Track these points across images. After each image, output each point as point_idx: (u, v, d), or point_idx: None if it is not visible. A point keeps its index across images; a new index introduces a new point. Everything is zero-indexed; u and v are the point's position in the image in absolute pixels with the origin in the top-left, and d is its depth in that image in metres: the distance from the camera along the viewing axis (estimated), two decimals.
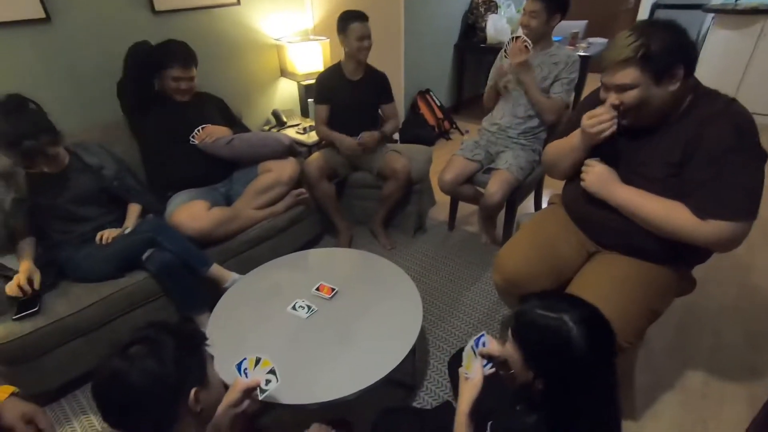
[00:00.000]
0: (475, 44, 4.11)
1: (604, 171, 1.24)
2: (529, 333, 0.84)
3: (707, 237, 1.10)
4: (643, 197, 1.18)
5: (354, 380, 1.23)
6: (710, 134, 1.08)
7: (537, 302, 0.85)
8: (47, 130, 1.50)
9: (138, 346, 0.74)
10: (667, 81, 1.08)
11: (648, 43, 1.05)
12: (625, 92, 1.12)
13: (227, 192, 2.05)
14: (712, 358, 1.68)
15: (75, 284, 1.58)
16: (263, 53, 2.60)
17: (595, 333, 0.79)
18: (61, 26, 1.81)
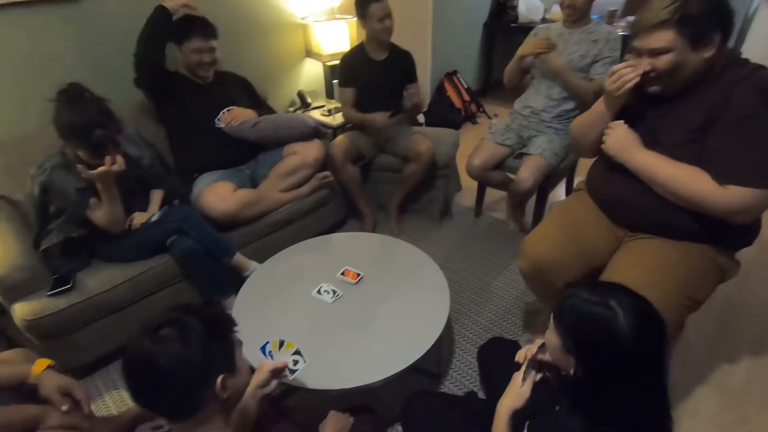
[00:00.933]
0: (505, 23, 3.95)
1: (626, 133, 1.20)
2: (572, 317, 0.80)
3: (726, 204, 1.05)
4: (662, 161, 1.13)
5: (380, 367, 1.21)
6: (735, 99, 1.04)
7: (583, 289, 0.81)
8: (113, 118, 1.46)
9: (168, 329, 0.74)
10: (703, 46, 1.04)
11: (687, 5, 1.00)
12: (659, 57, 1.07)
13: (252, 174, 2.05)
14: (755, 357, 1.59)
15: (106, 264, 1.61)
16: (289, 33, 2.56)
17: (643, 322, 0.75)
18: (90, 6, 1.80)
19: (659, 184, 1.14)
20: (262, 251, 1.90)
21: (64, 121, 1.40)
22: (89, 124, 1.39)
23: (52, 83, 1.46)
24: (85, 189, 1.48)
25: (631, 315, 0.74)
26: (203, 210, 1.75)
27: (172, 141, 1.98)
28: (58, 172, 1.45)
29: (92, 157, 1.43)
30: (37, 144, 1.69)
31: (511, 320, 1.80)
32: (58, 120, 1.41)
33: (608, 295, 0.76)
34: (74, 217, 1.48)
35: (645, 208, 1.22)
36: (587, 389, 0.79)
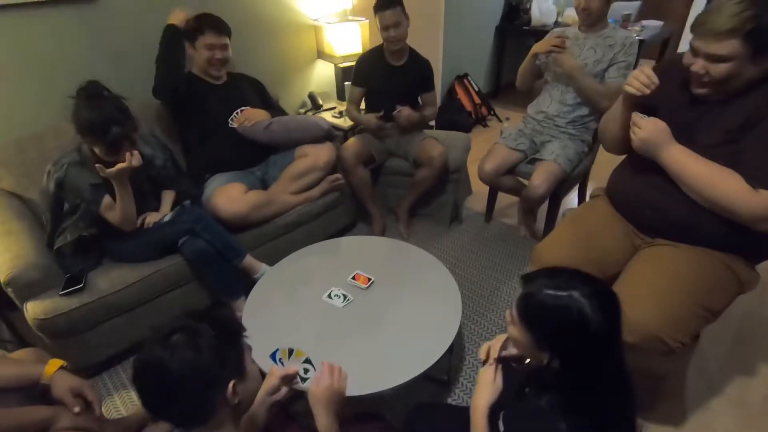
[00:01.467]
0: (517, 27, 3.92)
1: (659, 126, 1.14)
2: (540, 315, 0.81)
3: (755, 208, 1.02)
4: (694, 158, 1.09)
5: (390, 375, 1.20)
6: None
7: (544, 281, 0.82)
8: (130, 116, 1.48)
9: (179, 335, 0.73)
10: (762, 59, 0.99)
11: (760, 15, 0.95)
12: (716, 63, 1.03)
13: (263, 176, 2.05)
14: None
15: (117, 264, 1.61)
16: (301, 34, 2.56)
17: (606, 302, 0.78)
18: (107, 5, 1.81)
19: (688, 181, 1.11)
20: (273, 253, 1.90)
21: (82, 117, 1.41)
22: (107, 121, 1.41)
23: (70, 81, 1.47)
24: (99, 186, 1.49)
25: (596, 301, 0.76)
26: (214, 211, 1.74)
27: (184, 141, 1.99)
28: (73, 168, 1.46)
29: (108, 154, 1.45)
30: (54, 141, 1.71)
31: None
32: (76, 116, 1.42)
33: (570, 286, 0.78)
34: (87, 214, 1.49)
35: (668, 208, 1.20)
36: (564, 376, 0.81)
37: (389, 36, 2.02)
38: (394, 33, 2.00)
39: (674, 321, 1.08)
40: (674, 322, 1.08)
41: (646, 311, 1.08)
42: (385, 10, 1.96)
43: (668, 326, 1.07)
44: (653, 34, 3.41)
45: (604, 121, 1.43)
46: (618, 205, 1.38)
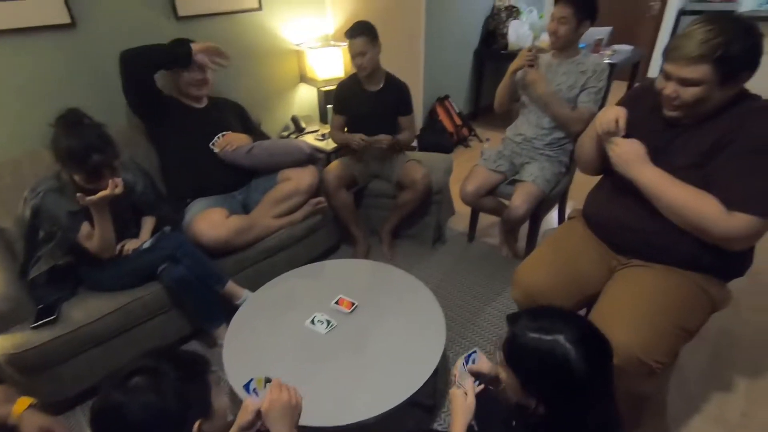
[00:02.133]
0: (495, 51, 4.05)
1: (636, 147, 1.19)
2: (524, 358, 0.80)
3: (727, 230, 1.06)
4: (670, 180, 1.13)
5: (374, 403, 1.19)
6: (748, 129, 1.06)
7: (528, 323, 0.81)
8: (111, 143, 1.45)
9: (138, 378, 0.70)
10: (731, 84, 1.05)
11: (728, 43, 1.00)
12: (687, 87, 1.07)
13: (245, 200, 2.03)
14: (751, 388, 1.59)
15: (93, 293, 1.56)
16: (283, 59, 2.59)
17: (592, 349, 0.76)
18: (85, 32, 1.81)
19: (664, 202, 1.14)
20: (254, 278, 1.87)
21: (62, 145, 1.39)
22: (87, 148, 1.38)
23: (47, 108, 1.47)
24: (77, 213, 1.46)
25: (582, 346, 0.74)
26: (195, 237, 1.72)
27: (164, 166, 1.97)
28: (50, 195, 1.43)
29: (89, 181, 1.43)
30: (31, 168, 1.68)
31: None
32: (56, 144, 1.40)
33: (554, 329, 0.77)
34: (64, 242, 1.45)
35: (643, 229, 1.23)
36: (550, 422, 0.80)
37: (357, 64, 2.07)
38: (360, 61, 2.05)
39: (653, 342, 1.10)
40: (653, 343, 1.10)
41: (625, 333, 1.10)
42: (352, 38, 2.02)
43: (648, 348, 1.09)
44: (624, 57, 3.56)
45: (579, 144, 1.49)
46: (594, 226, 1.42)
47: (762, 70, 1.12)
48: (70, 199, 1.44)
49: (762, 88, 1.21)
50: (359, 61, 2.06)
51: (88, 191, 1.42)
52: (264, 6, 2.36)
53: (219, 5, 2.18)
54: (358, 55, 2.04)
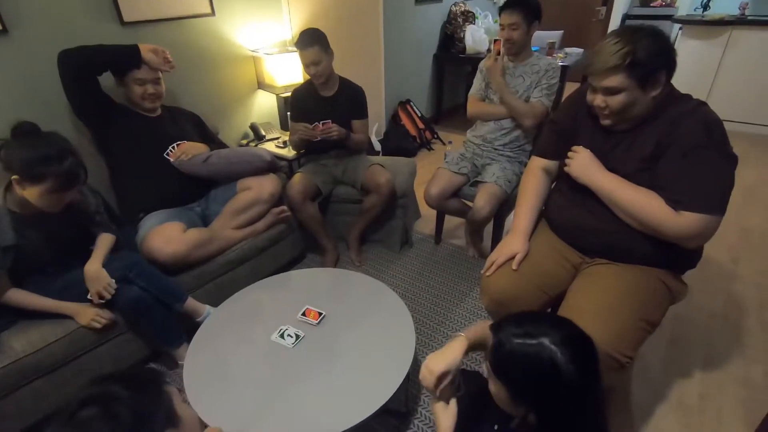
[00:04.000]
0: (453, 55, 4.11)
1: (589, 156, 1.27)
2: (511, 367, 0.79)
3: (680, 229, 1.12)
4: (623, 184, 1.20)
5: (346, 414, 1.15)
6: (682, 131, 1.12)
7: (512, 329, 0.79)
8: (74, 150, 1.39)
9: (88, 409, 0.64)
10: (651, 86, 1.12)
11: (635, 50, 1.08)
12: (612, 95, 1.15)
13: (203, 211, 1.95)
14: (706, 370, 1.67)
15: (35, 321, 1.43)
16: (239, 65, 2.51)
17: (579, 350, 0.76)
18: (19, 39, 1.68)
19: (619, 205, 1.20)
20: (216, 293, 1.80)
21: (30, 154, 1.30)
22: (61, 153, 1.33)
23: None
24: (9, 248, 1.34)
25: (568, 347, 0.74)
26: (150, 254, 1.62)
27: (115, 179, 1.86)
28: None
29: (60, 188, 1.34)
30: None
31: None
32: (18, 155, 1.30)
33: (538, 332, 0.76)
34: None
35: (603, 232, 1.27)
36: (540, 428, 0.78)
37: (311, 73, 2.06)
38: (314, 70, 2.04)
39: (621, 336, 1.12)
40: (621, 338, 1.12)
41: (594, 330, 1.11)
42: (304, 49, 2.00)
43: (616, 342, 1.11)
44: (576, 60, 3.70)
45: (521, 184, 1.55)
46: (556, 229, 1.45)
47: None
48: (3, 231, 1.33)
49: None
50: (314, 71, 2.04)
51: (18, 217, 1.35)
52: (217, 11, 2.28)
53: (168, 10, 2.09)
54: (312, 64, 2.02)
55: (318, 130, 2.06)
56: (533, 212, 1.47)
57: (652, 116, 1.18)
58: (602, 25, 5.37)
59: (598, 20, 5.35)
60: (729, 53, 3.81)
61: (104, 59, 1.70)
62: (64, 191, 1.36)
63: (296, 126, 2.16)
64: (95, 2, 1.85)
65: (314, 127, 2.06)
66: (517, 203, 1.51)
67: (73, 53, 1.63)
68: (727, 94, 3.93)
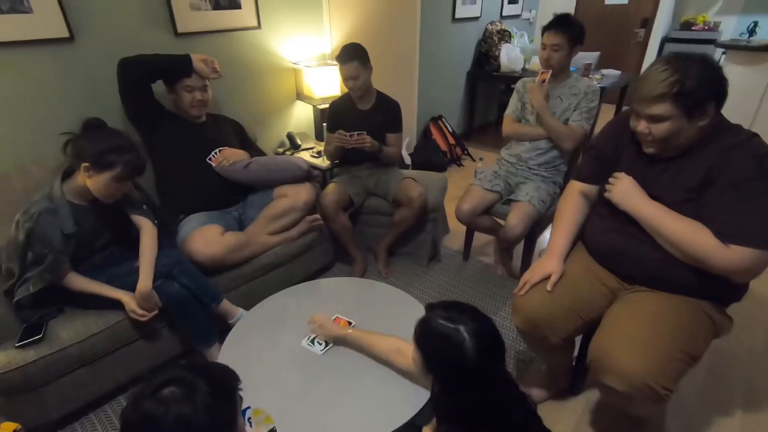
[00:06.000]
0: (487, 72, 4.14)
1: (632, 183, 1.25)
2: (429, 339, 0.98)
3: (728, 263, 1.08)
4: (668, 213, 1.17)
5: (373, 426, 1.16)
6: (733, 162, 1.09)
7: (440, 311, 0.97)
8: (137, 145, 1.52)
9: (172, 389, 0.69)
10: (698, 116, 1.09)
11: (683, 80, 1.06)
12: (656, 123, 1.13)
13: (240, 216, 2.01)
14: (747, 406, 1.59)
15: (80, 311, 1.51)
16: (280, 76, 2.60)
17: (485, 345, 0.92)
18: (83, 46, 1.80)
19: (664, 235, 1.17)
20: (248, 296, 1.84)
21: (103, 144, 1.41)
22: (131, 144, 1.47)
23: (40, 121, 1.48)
24: (70, 236, 1.43)
25: (476, 339, 0.90)
26: (190, 255, 1.68)
27: (159, 180, 1.94)
28: (45, 217, 1.38)
29: (127, 177, 1.46)
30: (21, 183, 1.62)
31: None
32: (91, 144, 1.41)
33: (459, 320, 0.93)
34: (55, 265, 1.40)
35: (643, 259, 1.24)
36: (444, 401, 0.98)
37: (350, 86, 2.12)
38: (352, 84, 2.10)
39: (661, 368, 1.09)
40: (661, 370, 1.09)
41: (633, 360, 1.09)
42: (344, 63, 2.06)
43: (656, 374, 1.08)
44: (613, 81, 3.66)
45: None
46: (594, 254, 1.42)
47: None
48: (64, 220, 1.41)
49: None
50: (352, 84, 2.11)
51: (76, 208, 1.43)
52: (263, 24, 2.38)
53: (218, 23, 2.20)
54: (351, 78, 2.09)
55: (353, 139, 2.11)
56: (570, 235, 1.45)
57: (699, 145, 1.15)
58: (640, 47, 5.29)
59: (636, 42, 5.28)
60: None
61: (160, 67, 1.80)
62: (128, 179, 1.47)
63: (332, 137, 2.21)
64: (153, 14, 1.96)
65: (350, 136, 2.11)
66: (554, 225, 1.49)
67: (133, 61, 1.73)
68: None
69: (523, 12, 4.79)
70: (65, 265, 1.45)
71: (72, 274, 1.47)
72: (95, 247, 1.56)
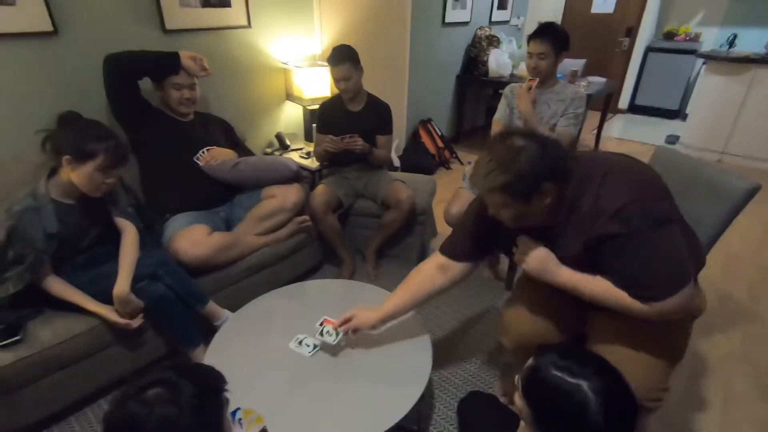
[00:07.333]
0: (476, 77, 4.18)
1: (544, 254, 1.14)
2: (541, 393, 0.78)
3: (657, 314, 1.03)
4: (584, 280, 1.10)
5: (359, 428, 1.15)
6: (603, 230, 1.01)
7: (556, 359, 0.78)
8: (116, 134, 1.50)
9: (157, 390, 0.68)
10: (537, 198, 1.02)
11: (506, 174, 0.99)
12: (500, 209, 1.08)
13: (228, 216, 1.99)
14: (725, 410, 1.63)
15: (60, 312, 1.47)
16: (270, 76, 2.59)
17: (615, 406, 0.73)
18: (68, 40, 1.76)
19: (588, 297, 1.12)
20: (235, 297, 1.82)
21: (80, 134, 1.40)
22: (109, 132, 1.44)
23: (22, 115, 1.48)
24: (53, 235, 1.39)
25: (605, 400, 0.71)
26: (175, 255, 1.66)
27: (145, 179, 1.91)
28: (27, 215, 1.35)
29: (111, 165, 1.42)
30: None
31: (491, 372, 1.78)
32: (69, 136, 1.39)
33: (581, 374, 0.74)
34: (36, 264, 1.37)
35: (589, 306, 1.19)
36: None
37: (341, 87, 2.12)
38: (344, 86, 2.11)
39: (653, 379, 1.10)
40: (653, 380, 1.10)
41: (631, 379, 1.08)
42: (336, 65, 2.06)
43: (650, 387, 1.09)
44: (598, 89, 3.73)
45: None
46: None
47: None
48: (47, 219, 1.38)
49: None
50: (344, 86, 2.11)
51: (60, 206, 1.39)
52: (253, 23, 2.36)
53: (208, 20, 2.17)
54: (342, 80, 2.09)
55: (344, 142, 2.10)
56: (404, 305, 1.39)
57: (563, 213, 1.08)
58: (625, 56, 5.42)
59: (621, 51, 5.40)
60: (753, 91, 3.80)
61: (147, 64, 1.76)
62: (113, 168, 1.43)
63: (322, 138, 2.21)
64: (141, 10, 1.93)
65: (341, 139, 2.11)
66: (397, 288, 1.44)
67: (119, 57, 1.70)
68: (749, 131, 3.92)
69: (511, 18, 4.85)
70: (46, 266, 1.41)
71: (52, 279, 1.43)
72: (80, 247, 1.52)
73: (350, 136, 2.10)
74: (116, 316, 1.44)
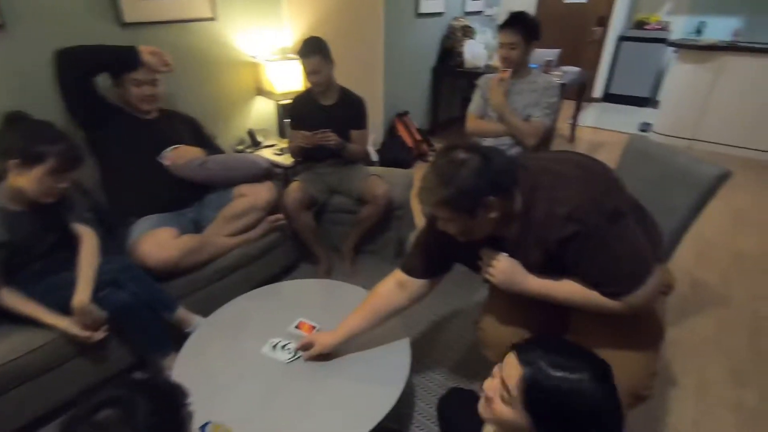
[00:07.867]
0: (452, 68, 4.15)
1: (510, 263, 1.11)
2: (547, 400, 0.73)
3: (629, 308, 1.03)
4: (556, 284, 1.09)
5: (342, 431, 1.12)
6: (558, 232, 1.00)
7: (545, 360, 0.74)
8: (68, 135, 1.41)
9: (108, 411, 0.62)
10: (482, 211, 1.00)
11: (448, 188, 0.97)
12: (448, 222, 1.05)
13: (196, 217, 1.91)
14: (699, 396, 1.66)
15: (17, 325, 1.38)
16: (239, 71, 2.50)
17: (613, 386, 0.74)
18: (15, 34, 1.65)
19: (563, 302, 1.11)
20: (206, 301, 1.75)
21: (28, 136, 1.31)
22: (60, 133, 1.36)
23: None
24: (3, 245, 1.31)
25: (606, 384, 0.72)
26: (140, 259, 1.58)
27: (106, 181, 1.82)
28: None
29: (62, 169, 1.33)
30: None
31: (470, 368, 1.77)
32: (17, 138, 1.31)
33: (577, 367, 0.73)
34: None
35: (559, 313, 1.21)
36: None
37: (312, 80, 2.07)
38: (314, 78, 2.05)
39: (641, 370, 1.11)
40: (642, 372, 1.10)
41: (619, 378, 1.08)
42: (305, 57, 2.01)
43: (640, 379, 1.09)
44: (572, 78, 3.76)
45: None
46: None
47: None
48: None
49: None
50: (314, 79, 2.05)
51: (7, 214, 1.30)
52: (219, 16, 2.27)
53: (170, 12, 2.07)
54: (312, 73, 2.03)
55: (316, 138, 2.05)
56: (362, 325, 1.34)
57: (517, 223, 1.06)
58: (597, 45, 5.47)
59: (594, 40, 5.45)
60: (722, 78, 3.89)
61: (103, 60, 1.67)
62: (64, 172, 1.35)
63: (295, 134, 2.14)
64: (97, 2, 1.83)
65: (313, 134, 2.05)
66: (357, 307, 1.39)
67: (71, 53, 1.60)
68: (719, 118, 4.01)
69: (485, 8, 4.84)
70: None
71: (5, 291, 1.34)
72: (35, 255, 1.44)
73: (322, 131, 2.05)
74: (76, 329, 1.36)
